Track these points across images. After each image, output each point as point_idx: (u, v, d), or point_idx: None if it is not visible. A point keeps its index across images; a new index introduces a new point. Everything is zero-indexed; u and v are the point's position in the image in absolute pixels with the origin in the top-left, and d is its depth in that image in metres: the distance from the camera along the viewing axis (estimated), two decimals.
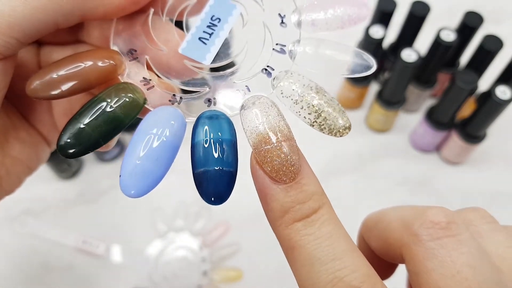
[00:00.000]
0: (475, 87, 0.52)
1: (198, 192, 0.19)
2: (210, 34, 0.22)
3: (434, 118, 0.54)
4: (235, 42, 0.22)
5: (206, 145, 0.19)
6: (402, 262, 0.20)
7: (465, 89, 0.49)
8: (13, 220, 0.51)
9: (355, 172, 0.57)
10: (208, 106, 0.21)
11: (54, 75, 0.20)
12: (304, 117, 0.20)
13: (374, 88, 0.62)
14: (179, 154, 0.20)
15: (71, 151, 0.19)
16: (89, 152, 0.20)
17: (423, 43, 0.56)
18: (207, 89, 0.22)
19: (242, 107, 0.20)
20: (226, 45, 0.22)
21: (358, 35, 0.56)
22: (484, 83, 0.58)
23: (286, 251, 0.19)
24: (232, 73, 0.22)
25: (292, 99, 0.20)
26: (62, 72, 0.20)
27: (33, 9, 0.19)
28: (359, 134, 0.60)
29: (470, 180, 0.57)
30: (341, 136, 0.20)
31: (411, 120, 0.61)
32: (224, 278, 0.48)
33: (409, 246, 0.19)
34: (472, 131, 0.53)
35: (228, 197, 0.19)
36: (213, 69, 0.22)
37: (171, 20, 0.23)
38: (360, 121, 0.61)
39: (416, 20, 0.54)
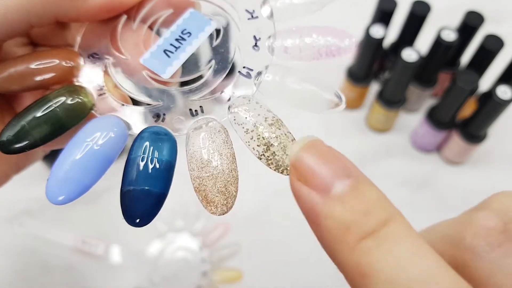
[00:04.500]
0: (476, 87, 0.52)
1: (122, 211, 0.18)
2: (177, 48, 0.21)
3: (435, 118, 0.54)
4: (202, 60, 0.21)
5: (140, 163, 0.18)
6: None
7: (466, 89, 0.49)
8: (12, 220, 0.50)
9: None
10: (156, 121, 0.20)
11: (12, 71, 0.20)
12: (253, 148, 0.18)
13: (374, 88, 0.62)
14: (179, 154, 0.20)
15: (10, 147, 0.19)
16: (26, 151, 0.20)
17: (423, 42, 0.56)
18: (161, 103, 0.21)
19: (190, 128, 0.20)
20: (192, 61, 0.21)
21: (358, 35, 0.56)
22: (485, 83, 0.58)
23: (353, 280, 0.15)
24: (190, 91, 0.21)
25: (243, 128, 0.19)
26: (20, 69, 0.20)
27: (3, 8, 0.20)
28: (360, 134, 0.60)
29: (471, 180, 0.57)
30: (287, 174, 0.17)
31: (412, 120, 0.60)
32: (224, 278, 0.48)
33: (466, 265, 0.15)
34: (473, 131, 0.53)
35: (151, 220, 0.18)
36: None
37: (150, 28, 0.22)
38: (361, 121, 0.61)
39: (416, 19, 0.54)
